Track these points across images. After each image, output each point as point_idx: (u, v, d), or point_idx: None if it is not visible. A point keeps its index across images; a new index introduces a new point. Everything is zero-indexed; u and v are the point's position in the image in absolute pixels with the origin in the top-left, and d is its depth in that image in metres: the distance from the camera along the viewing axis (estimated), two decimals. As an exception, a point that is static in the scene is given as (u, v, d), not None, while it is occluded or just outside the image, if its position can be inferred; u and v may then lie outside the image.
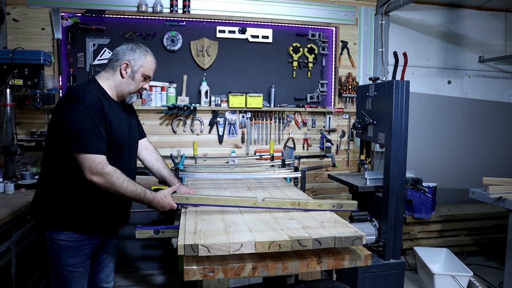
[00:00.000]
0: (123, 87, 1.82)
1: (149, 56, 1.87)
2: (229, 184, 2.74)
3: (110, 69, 1.83)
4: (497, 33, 4.55)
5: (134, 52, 1.82)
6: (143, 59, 1.83)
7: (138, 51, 1.83)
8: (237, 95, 3.73)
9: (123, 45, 1.85)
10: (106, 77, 1.82)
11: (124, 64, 1.80)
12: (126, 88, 1.83)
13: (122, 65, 1.80)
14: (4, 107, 2.72)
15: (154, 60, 1.92)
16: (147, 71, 1.85)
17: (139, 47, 1.84)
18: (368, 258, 1.60)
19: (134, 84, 1.83)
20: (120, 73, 1.81)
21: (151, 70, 1.89)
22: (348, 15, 4.05)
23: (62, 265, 1.70)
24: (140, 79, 1.84)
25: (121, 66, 1.80)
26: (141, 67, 1.83)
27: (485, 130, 4.38)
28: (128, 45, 1.84)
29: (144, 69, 1.84)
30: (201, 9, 3.70)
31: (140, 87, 1.86)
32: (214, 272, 1.45)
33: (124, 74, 1.81)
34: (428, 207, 3.60)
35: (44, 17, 3.40)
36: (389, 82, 2.74)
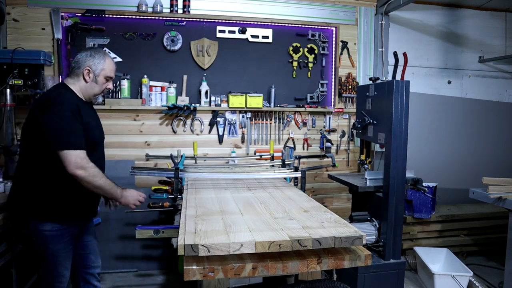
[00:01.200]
0: (88, 90, 2.00)
1: (107, 59, 2.03)
2: (229, 184, 2.74)
3: (74, 76, 1.99)
4: (497, 33, 4.55)
5: (93, 57, 1.98)
6: (103, 62, 2.00)
7: (97, 56, 1.99)
8: (237, 95, 3.73)
9: (82, 52, 2.00)
10: (72, 83, 1.98)
11: (86, 70, 1.97)
12: (91, 91, 2.01)
13: (84, 71, 1.96)
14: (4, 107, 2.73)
15: (113, 61, 2.09)
16: (108, 73, 2.03)
17: (97, 52, 2.01)
18: (368, 258, 1.60)
19: (97, 86, 2.01)
20: (84, 79, 1.97)
21: (111, 71, 2.05)
22: (348, 15, 4.05)
23: (48, 252, 1.89)
24: (103, 81, 2.02)
25: (83, 72, 1.96)
26: (102, 70, 2.00)
27: (485, 130, 4.38)
28: (87, 52, 2.00)
29: (105, 72, 2.01)
30: (201, 9, 3.70)
31: (103, 88, 2.05)
32: (214, 272, 1.45)
33: (88, 79, 1.98)
34: (428, 207, 3.60)
35: (44, 17, 3.39)
36: (389, 82, 2.74)
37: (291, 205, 2.10)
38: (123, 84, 3.50)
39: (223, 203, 2.14)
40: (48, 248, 1.88)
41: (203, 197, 2.29)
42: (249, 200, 2.22)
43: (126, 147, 3.62)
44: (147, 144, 3.68)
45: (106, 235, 3.42)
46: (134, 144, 3.64)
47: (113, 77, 2.08)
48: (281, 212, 1.93)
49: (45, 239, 1.87)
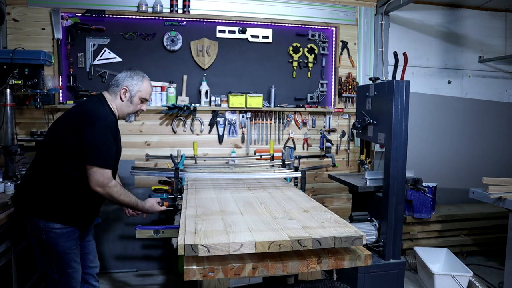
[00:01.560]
0: (123, 109, 2.11)
1: (145, 82, 2.13)
2: (229, 184, 2.74)
3: (112, 93, 2.10)
4: (497, 33, 4.55)
5: (132, 78, 2.09)
6: (140, 84, 2.10)
7: (136, 77, 2.10)
8: (237, 95, 3.73)
9: (123, 72, 2.12)
10: (110, 99, 2.10)
11: (123, 89, 2.07)
12: (126, 110, 2.12)
13: (121, 90, 2.07)
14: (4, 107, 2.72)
15: (151, 84, 2.19)
16: (144, 95, 2.12)
17: (136, 74, 2.11)
18: (368, 258, 1.60)
19: (132, 106, 2.11)
20: (120, 97, 2.08)
21: (147, 94, 2.15)
22: (348, 15, 4.05)
23: (60, 249, 1.94)
24: (138, 102, 2.12)
25: (120, 91, 2.07)
26: (138, 92, 2.10)
27: (485, 130, 4.38)
28: (128, 72, 2.11)
29: (141, 94, 2.11)
30: (201, 9, 3.70)
31: (137, 109, 2.15)
32: (214, 272, 1.45)
33: (124, 98, 2.08)
34: (428, 207, 3.60)
35: (44, 17, 3.39)
36: (389, 82, 2.74)
37: (291, 205, 2.10)
38: (123, 84, 3.50)
39: (223, 203, 2.14)
40: (59, 245, 1.94)
41: (203, 197, 2.29)
42: (249, 200, 2.22)
43: (126, 147, 3.61)
44: (147, 144, 3.68)
45: (106, 235, 3.42)
46: (134, 144, 3.64)
47: (148, 100, 2.19)
48: (281, 212, 1.93)
49: (56, 236, 1.93)
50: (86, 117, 1.93)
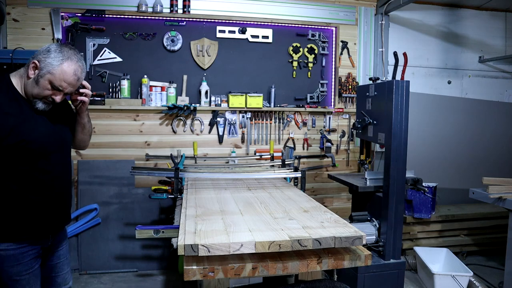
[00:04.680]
0: (28, 88, 1.59)
1: (65, 64, 1.58)
2: (229, 184, 2.74)
3: (26, 66, 1.61)
4: (497, 33, 4.55)
5: (49, 53, 1.58)
6: (56, 65, 1.57)
7: (54, 55, 1.57)
8: (237, 95, 3.73)
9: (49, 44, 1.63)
10: (20, 75, 1.63)
11: (33, 63, 1.58)
12: (30, 90, 1.59)
13: (31, 63, 1.58)
14: (4, 107, 2.71)
15: (75, 71, 1.62)
16: (55, 80, 1.58)
17: (61, 51, 1.59)
18: (368, 258, 1.60)
19: (37, 88, 1.58)
20: (27, 73, 1.59)
21: (62, 81, 1.59)
22: (348, 15, 4.05)
23: (4, 275, 1.58)
24: (46, 86, 1.58)
25: (30, 64, 1.58)
26: (49, 73, 1.57)
27: (485, 130, 4.38)
28: (52, 46, 1.61)
29: (51, 77, 1.57)
30: (201, 9, 3.70)
31: (45, 94, 1.59)
32: (214, 272, 1.45)
33: (30, 74, 1.58)
34: (428, 207, 3.60)
35: (44, 17, 3.39)
36: (389, 82, 2.74)
37: (291, 205, 2.10)
38: (123, 84, 3.50)
39: (223, 203, 2.14)
40: (3, 271, 1.57)
41: (203, 197, 2.29)
42: (249, 200, 2.22)
43: (126, 147, 3.62)
44: (147, 144, 3.68)
45: (106, 235, 3.43)
46: (134, 144, 3.65)
47: (65, 90, 1.62)
48: (281, 212, 1.93)
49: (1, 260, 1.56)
50: None
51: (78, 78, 1.65)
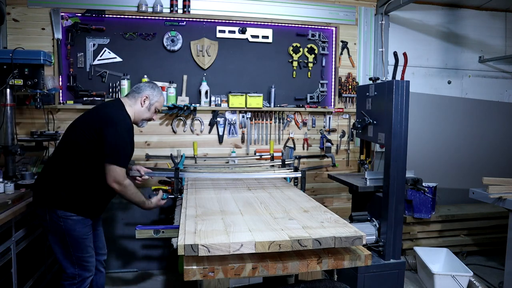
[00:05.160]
0: (140, 115, 2.35)
1: (163, 97, 2.45)
2: (229, 184, 2.74)
3: (132, 98, 2.34)
4: (497, 33, 4.55)
5: (153, 89, 2.37)
6: (159, 96, 2.39)
7: (157, 90, 2.39)
8: (237, 95, 3.73)
9: (145, 82, 2.41)
10: (129, 104, 2.32)
11: (145, 97, 2.33)
12: (142, 116, 2.36)
13: (143, 97, 2.32)
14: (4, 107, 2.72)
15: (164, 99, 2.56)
16: (159, 107, 2.41)
17: (157, 87, 2.41)
18: (368, 258, 1.60)
19: (148, 114, 2.37)
20: (140, 103, 2.32)
21: (161, 106, 2.45)
22: (348, 15, 4.05)
23: (77, 235, 2.14)
24: (153, 111, 2.40)
25: (142, 97, 2.32)
26: (157, 102, 2.38)
27: (485, 130, 4.38)
28: (150, 84, 2.40)
29: (158, 104, 2.39)
30: (201, 9, 3.70)
31: (151, 117, 2.41)
32: (214, 272, 1.45)
33: (143, 104, 2.33)
34: (428, 207, 3.60)
35: (44, 17, 3.39)
36: (389, 82, 2.74)
37: (291, 205, 2.10)
38: (123, 84, 3.50)
39: (223, 203, 2.14)
40: (76, 231, 2.13)
41: (203, 197, 2.30)
42: (249, 200, 2.22)
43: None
44: (147, 144, 3.68)
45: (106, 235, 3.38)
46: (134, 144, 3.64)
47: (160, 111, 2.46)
48: (281, 212, 1.93)
49: (73, 223, 2.12)
50: (108, 120, 2.12)
51: None
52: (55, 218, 2.10)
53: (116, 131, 2.10)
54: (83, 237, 2.16)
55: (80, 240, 2.15)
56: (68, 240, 2.13)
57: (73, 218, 2.12)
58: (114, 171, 2.09)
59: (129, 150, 2.22)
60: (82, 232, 2.15)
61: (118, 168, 2.10)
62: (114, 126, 2.11)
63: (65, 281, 2.18)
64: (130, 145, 2.23)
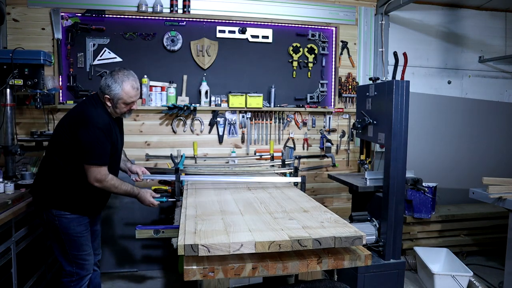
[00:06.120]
0: (113, 112, 2.20)
1: (126, 86, 2.12)
2: (229, 184, 2.74)
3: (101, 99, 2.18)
4: (497, 33, 4.55)
5: (109, 88, 2.11)
6: (119, 91, 2.11)
7: (114, 85, 2.10)
8: (237, 95, 3.73)
9: (104, 79, 2.15)
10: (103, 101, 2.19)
11: (106, 98, 2.13)
12: (115, 113, 2.20)
13: (105, 98, 2.14)
14: (4, 107, 2.72)
15: (134, 85, 2.15)
16: (126, 100, 2.14)
17: (115, 81, 2.11)
18: (368, 258, 1.60)
19: (119, 109, 2.18)
20: (106, 103, 2.16)
21: (129, 98, 2.15)
22: (348, 15, 4.05)
23: (72, 233, 2.14)
24: (122, 106, 2.17)
25: (105, 99, 2.14)
26: (120, 99, 2.13)
27: (485, 130, 4.37)
28: (107, 80, 2.12)
29: (123, 100, 2.14)
30: (201, 9, 3.70)
31: (125, 111, 2.20)
32: (214, 272, 1.45)
33: (109, 104, 2.16)
34: (428, 207, 3.60)
35: (44, 17, 3.39)
36: (389, 82, 2.74)
37: (291, 205, 2.10)
38: (123, 84, 3.50)
39: (223, 203, 2.14)
40: (71, 229, 2.13)
41: (203, 197, 2.29)
42: (249, 200, 2.22)
43: (126, 147, 3.57)
44: (147, 144, 3.68)
45: (106, 235, 3.42)
46: (134, 144, 3.64)
47: (135, 101, 2.20)
48: (281, 212, 1.93)
49: (68, 221, 2.12)
50: (80, 120, 2.06)
51: (137, 88, 2.18)
52: (51, 217, 2.12)
53: (87, 131, 2.02)
54: (79, 235, 2.16)
55: (75, 238, 2.15)
56: (63, 238, 2.14)
57: (67, 216, 2.12)
58: (93, 171, 2.06)
59: (107, 148, 2.10)
60: (77, 230, 2.15)
61: (97, 167, 2.06)
62: (86, 126, 2.03)
63: (64, 279, 2.20)
64: (108, 142, 2.10)
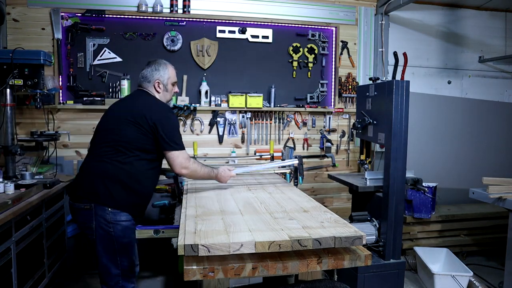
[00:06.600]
0: (163, 99, 2.29)
1: (169, 67, 2.31)
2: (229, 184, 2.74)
3: (149, 87, 2.27)
4: (497, 33, 4.55)
5: (158, 71, 2.25)
6: (167, 72, 2.28)
7: (161, 68, 2.26)
8: (237, 95, 3.73)
9: (147, 68, 2.27)
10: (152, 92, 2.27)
11: (157, 83, 2.25)
12: (165, 98, 2.31)
13: (155, 83, 2.25)
14: (4, 107, 2.72)
15: (173, 67, 2.34)
16: (173, 79, 2.32)
17: (159, 64, 2.27)
18: (368, 258, 1.60)
19: (169, 94, 2.32)
20: (156, 90, 2.26)
21: (175, 77, 2.34)
22: (348, 15, 4.05)
23: (126, 241, 2.05)
24: (171, 88, 2.32)
25: (154, 85, 2.25)
26: (169, 79, 2.29)
27: (485, 130, 4.37)
28: (151, 67, 2.26)
29: (171, 79, 2.30)
30: (201, 9, 3.70)
31: (173, 93, 2.35)
32: (214, 272, 1.45)
33: (160, 89, 2.27)
34: (428, 207, 3.60)
35: (44, 17, 3.40)
36: (389, 82, 2.74)
37: (291, 205, 2.10)
38: (123, 84, 3.50)
39: (223, 203, 2.14)
40: (126, 237, 2.04)
41: (203, 197, 2.29)
42: (249, 200, 2.22)
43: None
44: (147, 144, 3.68)
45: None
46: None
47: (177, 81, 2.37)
48: (281, 212, 1.93)
49: (123, 229, 2.03)
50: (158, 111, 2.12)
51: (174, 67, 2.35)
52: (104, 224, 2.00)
53: (170, 120, 2.11)
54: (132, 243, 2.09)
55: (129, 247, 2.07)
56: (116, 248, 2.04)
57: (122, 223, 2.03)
58: (179, 157, 2.09)
59: None
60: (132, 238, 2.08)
61: (181, 152, 2.10)
62: (167, 116, 2.12)
63: None
64: None
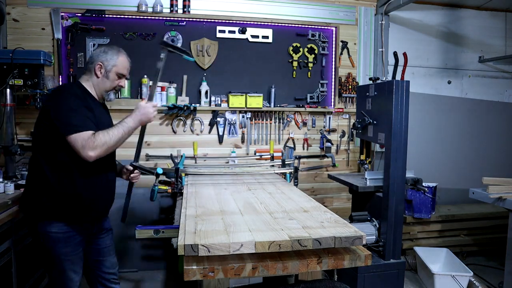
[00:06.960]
0: (100, 86, 2.00)
1: (121, 56, 2.04)
2: (229, 184, 2.74)
3: (87, 71, 2.01)
4: (497, 33, 4.54)
5: (106, 53, 1.99)
6: (115, 59, 2.00)
7: (110, 52, 2.00)
8: (237, 95, 3.73)
9: (96, 49, 2.04)
10: (85, 79, 2.01)
11: (98, 65, 1.97)
12: (102, 87, 2.00)
13: (96, 66, 1.97)
14: (4, 107, 2.72)
15: (128, 59, 2.10)
16: (120, 70, 2.02)
17: (111, 49, 2.02)
18: (368, 258, 1.60)
19: (108, 82, 2.00)
20: (95, 74, 1.98)
21: (124, 69, 2.05)
22: (348, 15, 4.05)
23: (56, 255, 1.86)
24: (115, 78, 2.02)
25: (95, 67, 1.97)
26: (114, 66, 2.00)
27: (485, 130, 4.38)
28: (102, 48, 2.02)
29: (117, 68, 2.01)
30: (201, 9, 3.70)
31: (115, 85, 2.04)
32: (214, 272, 1.45)
33: (99, 74, 1.98)
34: (428, 207, 3.60)
35: (44, 17, 3.39)
36: (389, 82, 2.74)
37: (291, 205, 2.10)
38: (123, 84, 3.50)
39: (223, 203, 2.14)
40: (55, 251, 1.85)
41: (203, 197, 2.29)
42: (249, 200, 2.22)
43: (126, 147, 3.57)
44: (147, 144, 3.68)
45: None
46: (134, 144, 3.61)
47: (126, 75, 2.10)
48: (281, 212, 1.93)
49: (53, 241, 1.84)
50: (51, 95, 1.90)
51: (130, 63, 2.12)
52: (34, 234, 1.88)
53: (59, 100, 1.80)
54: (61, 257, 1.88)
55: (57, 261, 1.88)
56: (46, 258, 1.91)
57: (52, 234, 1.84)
58: (78, 140, 1.72)
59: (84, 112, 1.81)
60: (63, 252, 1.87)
61: (81, 134, 1.73)
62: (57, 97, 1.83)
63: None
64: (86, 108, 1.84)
